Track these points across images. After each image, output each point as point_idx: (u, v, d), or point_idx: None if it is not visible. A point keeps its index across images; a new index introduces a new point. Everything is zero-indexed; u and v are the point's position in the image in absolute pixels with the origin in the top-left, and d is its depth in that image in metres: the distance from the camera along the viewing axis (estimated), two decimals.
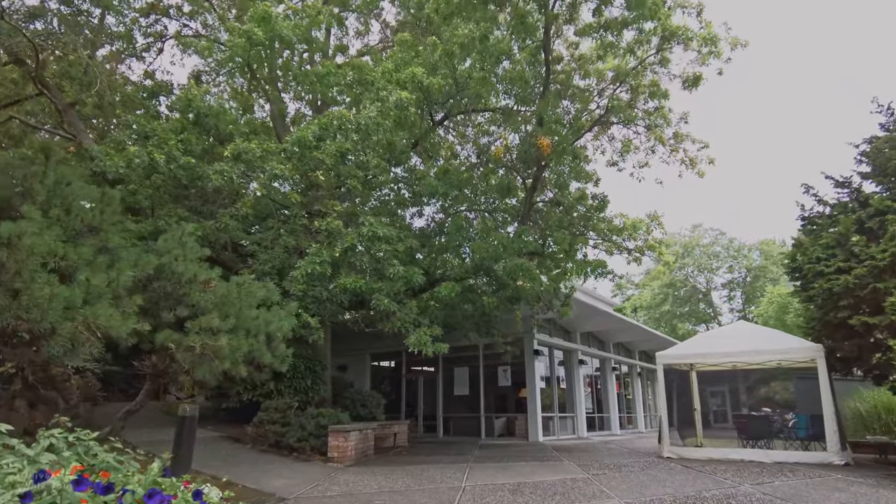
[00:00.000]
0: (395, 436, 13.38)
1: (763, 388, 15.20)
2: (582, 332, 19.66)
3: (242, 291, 5.14)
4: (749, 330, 11.80)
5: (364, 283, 8.28)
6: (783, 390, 14.86)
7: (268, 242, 9.40)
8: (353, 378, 19.24)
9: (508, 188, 10.02)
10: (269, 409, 10.09)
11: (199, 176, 8.72)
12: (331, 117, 9.26)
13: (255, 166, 8.75)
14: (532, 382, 15.88)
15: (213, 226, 8.85)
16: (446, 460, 9.95)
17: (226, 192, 9.37)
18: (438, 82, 9.52)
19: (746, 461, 9.65)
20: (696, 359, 11.67)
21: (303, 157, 9.18)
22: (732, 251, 48.72)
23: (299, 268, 8.12)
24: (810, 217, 10.49)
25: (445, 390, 18.28)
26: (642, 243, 11.75)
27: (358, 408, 13.36)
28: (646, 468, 9.04)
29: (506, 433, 17.28)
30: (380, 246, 8.26)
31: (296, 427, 9.49)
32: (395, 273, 8.39)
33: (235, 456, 8.79)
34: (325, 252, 8.32)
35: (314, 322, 8.19)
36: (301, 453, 9.23)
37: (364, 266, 8.75)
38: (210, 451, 9.17)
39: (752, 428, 10.40)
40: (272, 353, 5.47)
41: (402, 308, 8.78)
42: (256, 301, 5.25)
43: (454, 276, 10.40)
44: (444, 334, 14.42)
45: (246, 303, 5.08)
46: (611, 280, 12.04)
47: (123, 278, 4.01)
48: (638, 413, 23.89)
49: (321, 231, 8.68)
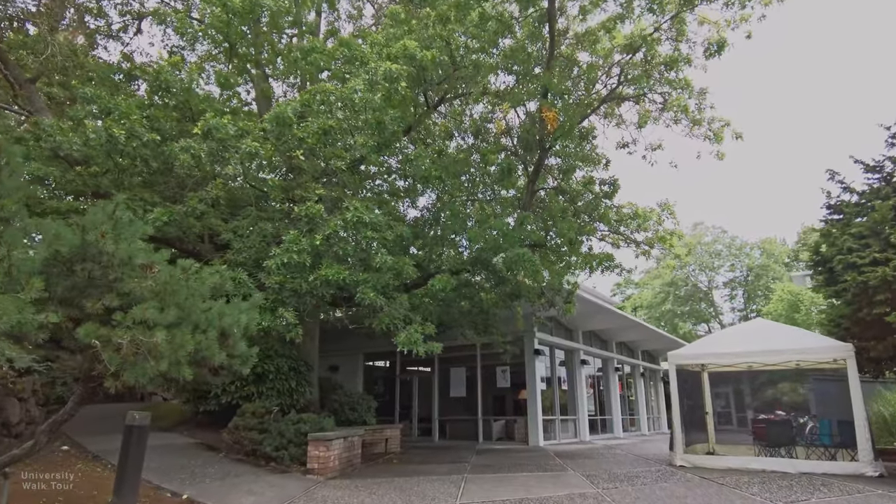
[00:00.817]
0: (386, 441, 12.51)
1: (770, 390, 14.38)
2: (584, 331, 18.82)
3: (190, 278, 4.25)
4: (767, 328, 10.96)
5: (348, 275, 7.39)
6: (792, 392, 14.04)
7: (243, 231, 8.51)
8: (345, 379, 18.36)
9: (509, 170, 9.15)
10: (245, 413, 9.21)
11: (165, 156, 7.83)
12: (313, 91, 8.38)
13: (229, 145, 7.85)
14: (532, 383, 15.05)
15: (183, 211, 7.94)
16: (440, 470, 9.08)
17: (199, 176, 8.47)
18: (433, 55, 8.63)
19: (769, 471, 8.80)
20: (710, 359, 10.83)
21: (282, 135, 8.30)
22: (734, 249, 48.09)
23: (274, 257, 7.23)
24: (836, 205, 9.65)
25: (441, 392, 17.43)
26: (652, 235, 10.87)
27: (346, 412, 12.49)
28: (659, 479, 8.19)
29: (504, 437, 16.44)
30: (365, 233, 7.37)
31: (274, 434, 8.60)
32: (381, 262, 7.50)
33: (205, 467, 7.91)
34: (305, 240, 7.44)
35: (291, 317, 7.30)
36: (279, 463, 8.35)
37: (348, 255, 7.84)
38: (179, 460, 8.29)
39: (773, 434, 9.54)
40: (229, 353, 4.58)
41: (390, 303, 7.90)
42: (207, 289, 4.36)
43: (450, 269, 9.53)
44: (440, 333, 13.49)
45: (194, 292, 4.19)
46: (618, 274, 11.17)
47: (20, 256, 3.12)
48: (641, 415, 23.09)
49: (301, 217, 7.79)
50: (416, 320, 8.22)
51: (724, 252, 48.73)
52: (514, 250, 8.11)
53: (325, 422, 8.92)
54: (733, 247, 48.12)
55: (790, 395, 13.83)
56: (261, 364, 11.16)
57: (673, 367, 10.52)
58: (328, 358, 19.50)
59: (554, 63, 9.09)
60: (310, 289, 7.57)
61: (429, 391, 17.70)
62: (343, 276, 7.40)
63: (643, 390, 23.92)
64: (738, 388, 16.78)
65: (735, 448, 11.26)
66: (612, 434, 19.52)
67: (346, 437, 8.58)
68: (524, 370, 15.29)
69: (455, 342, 15.57)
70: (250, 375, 11.49)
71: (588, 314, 16.75)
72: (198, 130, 7.83)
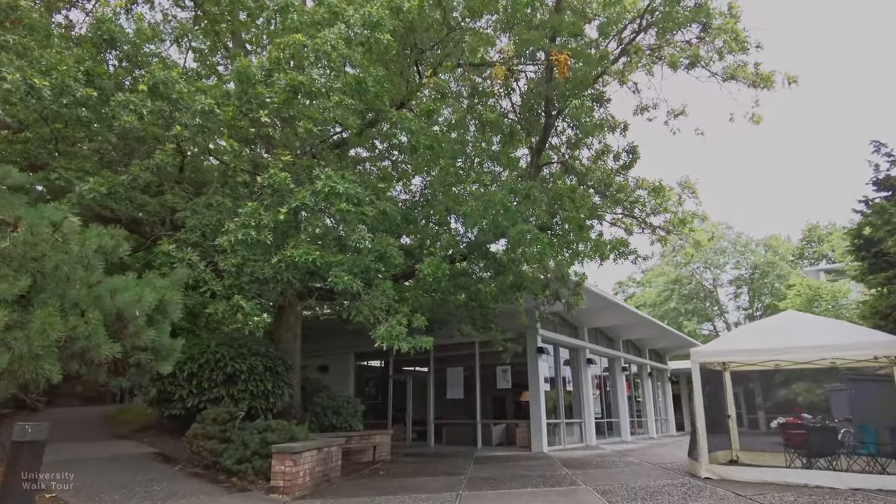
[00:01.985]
0: (375, 449, 11.30)
1: (783, 390, 13.17)
2: (590, 329, 17.58)
3: (70, 240, 3.04)
4: (801, 321, 9.73)
5: (318, 256, 6.18)
6: (809, 392, 12.81)
7: (200, 207, 7.29)
8: (336, 380, 17.17)
9: (511, 135, 7.93)
10: (205, 419, 7.99)
11: (106, 117, 6.62)
12: (282, 45, 7.15)
13: (180, 103, 6.64)
14: (535, 384, 13.84)
15: (126, 182, 6.72)
16: (432, 486, 7.84)
17: (148, 141, 7.26)
18: (419, 2, 7.40)
19: (812, 486, 7.58)
20: (735, 356, 9.59)
21: (244, 95, 7.09)
22: (740, 246, 46.93)
23: (228, 233, 6.00)
24: (885, 180, 8.43)
25: (438, 393, 16.22)
26: (671, 217, 9.64)
27: (330, 416, 11.27)
28: (688, 497, 6.96)
29: (505, 442, 15.23)
30: (339, 205, 6.15)
31: (237, 444, 7.37)
32: (358, 240, 6.27)
33: (151, 484, 6.69)
34: (268, 214, 6.23)
35: (249, 307, 6.08)
36: (242, 479, 7.12)
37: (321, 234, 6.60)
38: (122, 476, 7.06)
39: (815, 441, 8.29)
40: (133, 343, 3.37)
41: (370, 290, 6.68)
42: (97, 258, 3.15)
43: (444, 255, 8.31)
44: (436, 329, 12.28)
45: (71, 258, 2.98)
46: (633, 262, 9.95)
47: None
48: (648, 417, 21.88)
49: (265, 189, 6.58)
50: (403, 311, 6.98)
51: (729, 249, 47.61)
52: (519, 227, 6.87)
53: (296, 430, 7.69)
54: (738, 244, 46.97)
55: (806, 395, 12.61)
56: (231, 363, 9.98)
57: (696, 364, 9.30)
58: (317, 357, 18.30)
59: (563, 4, 7.83)
60: (273, 273, 6.35)
61: (424, 393, 16.49)
62: (313, 257, 6.18)
63: (651, 391, 22.70)
64: (748, 387, 15.56)
65: (760, 456, 10.03)
66: (620, 438, 18.31)
67: (320, 448, 7.35)
68: (526, 370, 14.09)
69: (452, 339, 14.35)
70: (220, 375, 10.28)
71: (595, 310, 15.54)
72: (143, 86, 6.63)
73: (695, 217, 9.49)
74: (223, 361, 9.78)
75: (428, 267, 7.11)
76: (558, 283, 11.36)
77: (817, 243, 51.36)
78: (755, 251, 47.03)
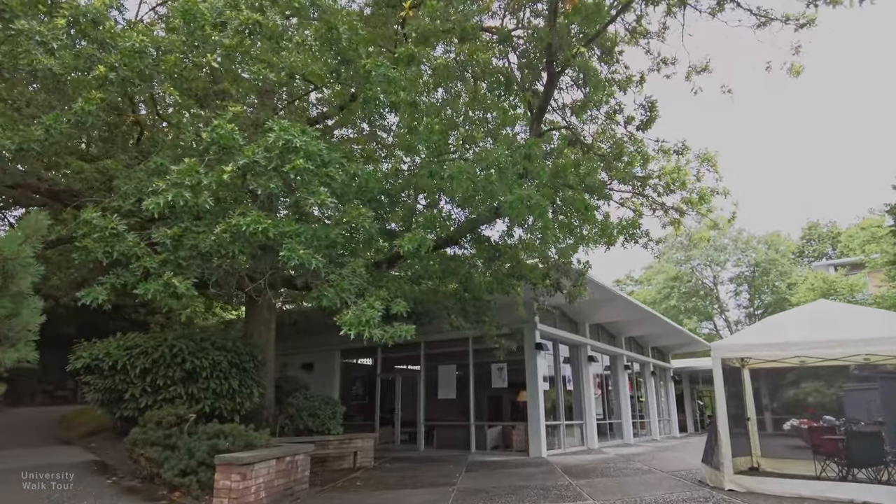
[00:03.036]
0: (355, 455, 10.15)
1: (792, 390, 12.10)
2: (591, 324, 16.48)
3: None
4: (833, 311, 8.65)
5: (271, 224, 5.04)
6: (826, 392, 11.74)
7: (141, 173, 6.13)
8: (320, 378, 16.03)
9: (507, 84, 6.78)
10: (148, 423, 6.82)
11: (13, 56, 5.45)
12: None
13: (106, 42, 5.48)
14: (534, 383, 12.74)
15: (40, 136, 5.55)
16: (413, 501, 6.71)
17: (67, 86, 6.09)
18: None
19: (858, 503, 6.49)
20: (758, 351, 8.49)
21: (191, 36, 5.93)
22: (741, 244, 46.02)
23: (158, 194, 4.84)
24: None
25: (428, 393, 15.10)
26: (687, 195, 8.52)
27: (305, 418, 10.10)
28: None
29: (501, 445, 14.12)
30: (295, 162, 5.01)
31: (182, 452, 6.21)
32: (319, 205, 5.13)
33: (71, 500, 5.52)
34: (209, 174, 5.08)
35: (183, 286, 4.92)
36: (185, 494, 5.96)
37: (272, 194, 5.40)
38: (44, 488, 5.89)
39: (858, 449, 7.17)
40: None
41: (336, 270, 5.54)
42: None
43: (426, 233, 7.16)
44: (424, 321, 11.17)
45: None
46: (644, 246, 8.85)
47: None
48: (651, 418, 20.79)
49: (210, 145, 5.42)
50: (378, 295, 5.82)
51: (729, 246, 46.72)
52: (517, 192, 5.71)
53: (254, 435, 6.55)
54: (739, 241, 46.07)
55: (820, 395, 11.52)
56: (191, 359, 8.80)
57: (718, 360, 8.19)
58: (301, 354, 17.15)
59: None
60: (216, 246, 5.20)
61: (414, 392, 15.36)
62: (263, 226, 5.03)
63: (654, 390, 21.62)
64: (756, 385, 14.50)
65: (782, 463, 8.98)
66: (623, 440, 17.23)
67: (281, 458, 6.21)
68: (524, 368, 12.99)
69: (444, 335, 13.23)
70: (177, 372, 9.08)
71: (598, 303, 14.43)
72: (61, 21, 5.47)
73: (714, 194, 8.38)
74: (181, 356, 8.60)
75: (409, 242, 5.95)
76: (560, 272, 10.24)
77: (817, 241, 50.80)
78: (756, 248, 46.18)
